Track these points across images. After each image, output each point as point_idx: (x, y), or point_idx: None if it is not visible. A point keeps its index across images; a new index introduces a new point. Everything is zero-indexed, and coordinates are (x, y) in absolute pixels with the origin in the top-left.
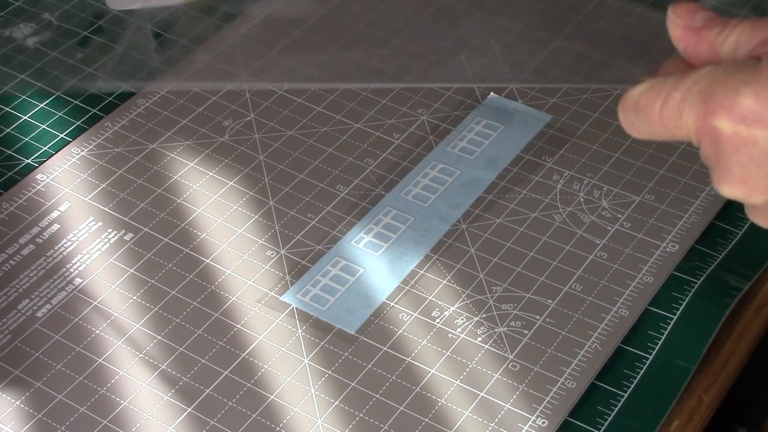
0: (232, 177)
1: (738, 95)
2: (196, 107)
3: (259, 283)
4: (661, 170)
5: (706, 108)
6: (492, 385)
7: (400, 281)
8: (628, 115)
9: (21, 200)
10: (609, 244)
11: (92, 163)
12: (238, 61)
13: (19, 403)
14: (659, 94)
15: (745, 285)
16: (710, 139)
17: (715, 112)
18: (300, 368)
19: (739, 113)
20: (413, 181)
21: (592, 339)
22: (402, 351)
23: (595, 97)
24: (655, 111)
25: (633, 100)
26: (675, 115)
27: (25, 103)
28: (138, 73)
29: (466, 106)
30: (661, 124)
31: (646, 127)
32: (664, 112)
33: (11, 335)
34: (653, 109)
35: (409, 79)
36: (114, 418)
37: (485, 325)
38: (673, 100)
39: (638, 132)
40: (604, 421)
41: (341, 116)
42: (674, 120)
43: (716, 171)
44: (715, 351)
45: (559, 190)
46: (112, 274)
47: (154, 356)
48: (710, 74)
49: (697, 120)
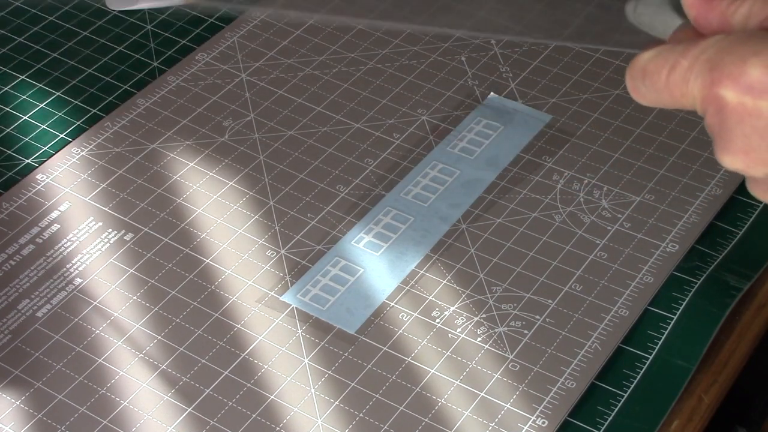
0: (232, 177)
1: (746, 65)
2: (196, 107)
3: (259, 283)
4: (661, 170)
5: (712, 77)
6: (492, 385)
7: (400, 281)
8: (635, 81)
9: (21, 200)
10: (609, 244)
11: (92, 163)
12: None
13: (19, 403)
14: (667, 61)
15: (745, 285)
16: (715, 108)
17: (722, 82)
18: (300, 368)
19: (746, 84)
20: (413, 181)
21: (592, 339)
22: (402, 351)
23: (595, 97)
24: (662, 78)
25: (640, 66)
26: (681, 82)
27: (25, 103)
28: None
29: (466, 106)
30: (667, 91)
31: (652, 94)
32: (670, 79)
33: (11, 335)
34: (660, 75)
35: (419, 21)
36: (114, 418)
37: (485, 325)
38: (681, 68)
39: (644, 98)
40: (604, 421)
41: (341, 116)
42: (680, 87)
43: (719, 141)
44: (715, 351)
45: (559, 190)
46: (112, 274)
47: (154, 356)
48: (719, 43)
49: (703, 89)
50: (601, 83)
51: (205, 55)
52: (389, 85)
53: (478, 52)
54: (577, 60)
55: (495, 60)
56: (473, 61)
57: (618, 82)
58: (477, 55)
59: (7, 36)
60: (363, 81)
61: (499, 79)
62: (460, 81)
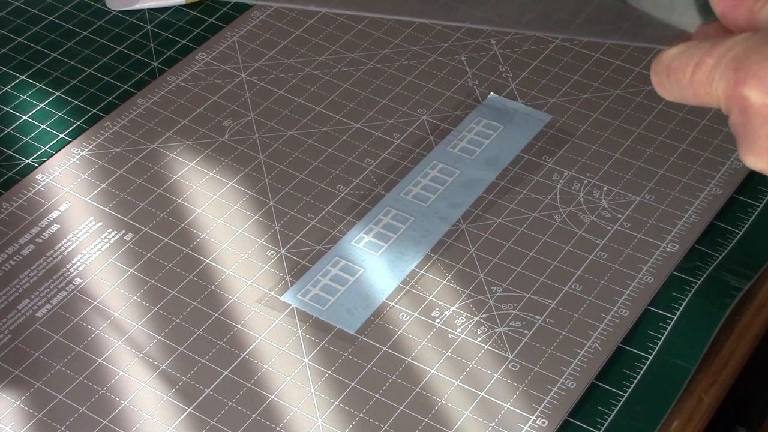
0: (232, 177)
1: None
2: (196, 107)
3: (259, 283)
4: (661, 170)
5: (737, 76)
6: (492, 385)
7: (400, 281)
8: (659, 77)
9: (21, 200)
10: (609, 244)
11: (92, 163)
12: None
13: (19, 403)
14: (692, 58)
15: (745, 285)
16: (739, 108)
17: (746, 82)
18: (300, 368)
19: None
20: (413, 181)
21: (592, 339)
22: (402, 351)
23: (595, 97)
24: (686, 76)
25: (665, 63)
26: (706, 81)
27: (25, 103)
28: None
29: (466, 106)
30: (691, 89)
31: (676, 91)
32: (695, 78)
33: (11, 335)
34: (684, 73)
35: (446, 17)
36: (114, 418)
37: (485, 325)
38: (705, 66)
39: (669, 94)
40: (604, 421)
41: (341, 116)
42: (704, 86)
43: (743, 141)
44: (715, 351)
45: (559, 190)
46: (112, 274)
47: (154, 356)
48: (745, 42)
49: (728, 88)
50: (601, 83)
51: (205, 55)
52: (389, 85)
53: (478, 52)
54: (577, 60)
55: (495, 60)
56: (473, 61)
57: (618, 82)
58: (477, 55)
59: (7, 36)
60: (363, 81)
61: (499, 79)
62: (460, 81)
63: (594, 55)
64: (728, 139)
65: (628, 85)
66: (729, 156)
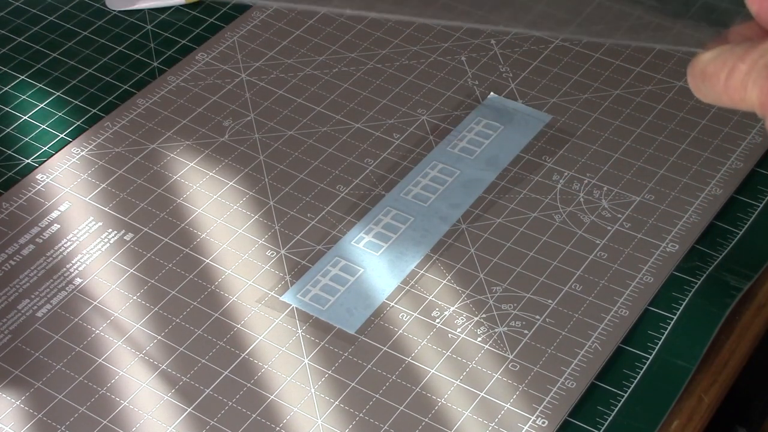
0: (232, 177)
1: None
2: (196, 107)
3: (259, 283)
4: (661, 170)
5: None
6: (492, 385)
7: (400, 281)
8: (695, 80)
9: (21, 200)
10: (609, 244)
11: (92, 163)
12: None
13: (19, 403)
14: (725, 64)
15: (745, 285)
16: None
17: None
18: (300, 368)
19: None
20: (413, 181)
21: (592, 339)
22: (402, 351)
23: (595, 97)
24: (720, 81)
25: (700, 67)
26: (740, 87)
27: (25, 103)
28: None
29: (466, 106)
30: (726, 94)
31: (712, 95)
32: (729, 83)
33: (11, 335)
34: (718, 79)
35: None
36: (114, 418)
37: (485, 325)
38: (739, 72)
39: (706, 98)
40: (604, 421)
41: (341, 116)
42: (739, 92)
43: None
44: (715, 351)
45: (559, 190)
46: (112, 274)
47: (154, 356)
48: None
49: (761, 95)
50: (601, 83)
51: (205, 55)
52: (389, 85)
53: (478, 52)
54: (577, 60)
55: (495, 60)
56: (473, 61)
57: (618, 82)
58: (477, 55)
59: (7, 36)
60: (363, 81)
61: (499, 79)
62: (460, 81)
63: (594, 55)
64: (728, 139)
65: (628, 85)
66: (729, 156)
